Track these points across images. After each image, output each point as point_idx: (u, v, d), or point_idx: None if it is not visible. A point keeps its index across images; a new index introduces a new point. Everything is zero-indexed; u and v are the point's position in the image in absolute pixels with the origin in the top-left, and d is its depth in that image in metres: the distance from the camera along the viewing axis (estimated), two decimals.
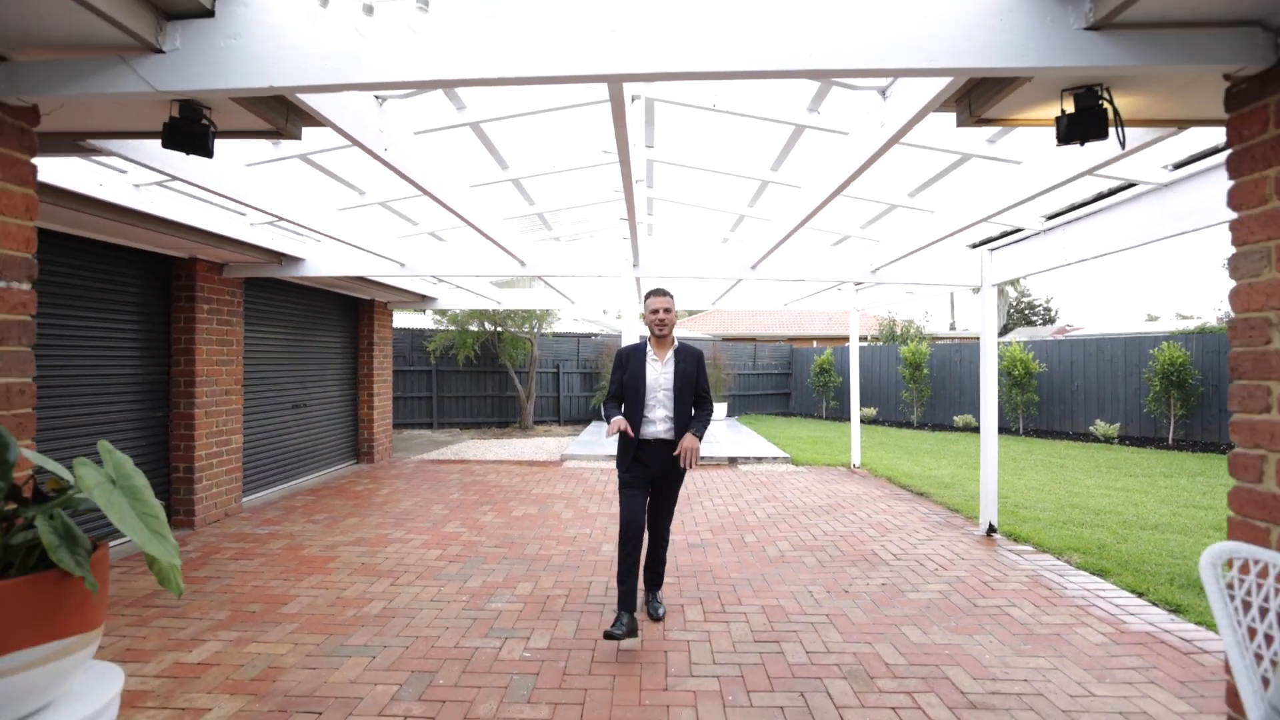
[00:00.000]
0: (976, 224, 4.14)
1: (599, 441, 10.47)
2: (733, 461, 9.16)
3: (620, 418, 3.38)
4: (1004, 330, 30.24)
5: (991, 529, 5.39)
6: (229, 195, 3.49)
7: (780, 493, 7.12)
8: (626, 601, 3.23)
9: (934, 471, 8.44)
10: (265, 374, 6.75)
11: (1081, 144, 1.99)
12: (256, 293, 6.51)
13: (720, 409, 15.04)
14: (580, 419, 14.81)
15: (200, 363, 5.45)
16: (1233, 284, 1.74)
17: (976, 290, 6.02)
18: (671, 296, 3.49)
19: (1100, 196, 3.95)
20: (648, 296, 3.52)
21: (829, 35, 1.68)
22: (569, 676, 2.92)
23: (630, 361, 3.50)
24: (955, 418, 13.83)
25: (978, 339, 17.27)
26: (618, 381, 3.52)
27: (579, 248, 6.79)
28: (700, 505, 6.44)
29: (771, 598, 3.92)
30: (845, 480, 7.95)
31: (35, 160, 1.84)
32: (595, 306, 11.45)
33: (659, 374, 3.45)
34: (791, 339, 20.93)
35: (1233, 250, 1.74)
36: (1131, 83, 1.90)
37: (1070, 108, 1.97)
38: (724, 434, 11.87)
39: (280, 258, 5.60)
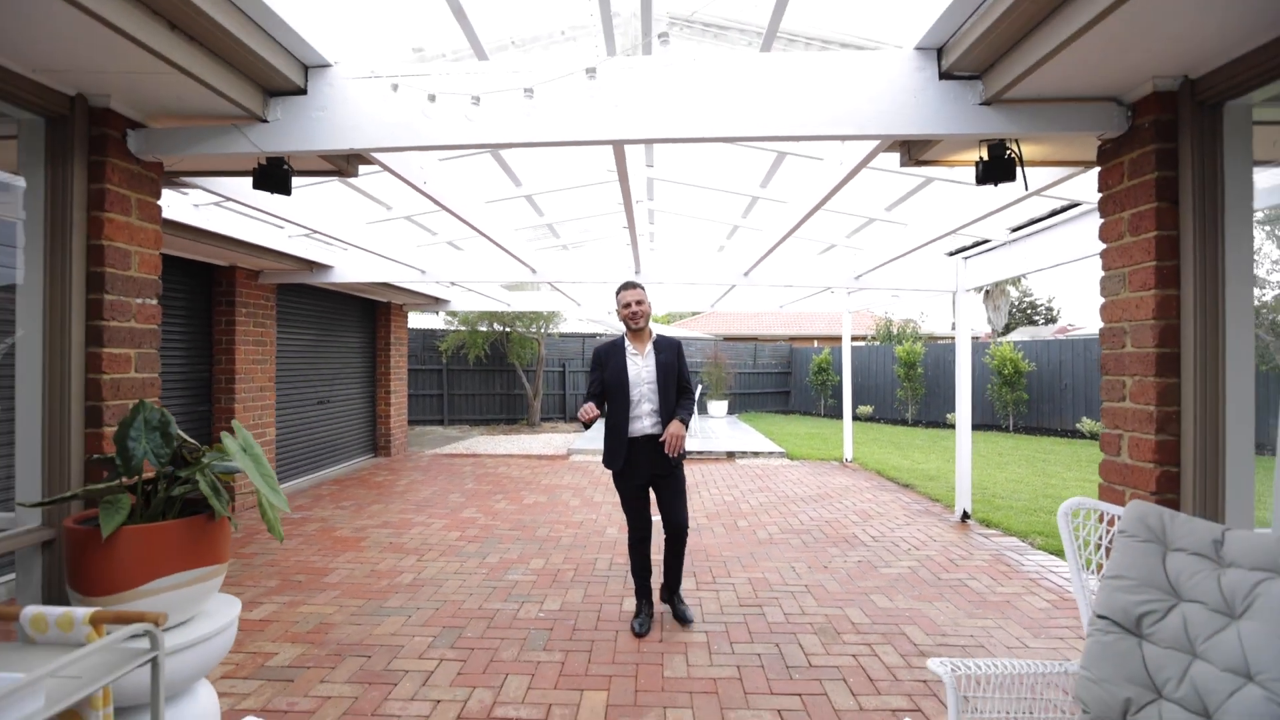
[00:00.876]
0: (944, 236, 4.60)
1: (603, 438, 10.96)
2: (730, 456, 9.63)
3: (589, 404, 3.27)
4: (1006, 329, 30.53)
5: (965, 515, 5.85)
6: (277, 214, 3.99)
7: (773, 484, 7.59)
8: (643, 596, 3.46)
9: (921, 465, 8.89)
10: (294, 372, 7.26)
11: (995, 185, 2.45)
12: (286, 297, 7.02)
13: (721, 407, 15.50)
14: None
15: (239, 361, 5.96)
16: (1101, 300, 2.20)
17: (961, 293, 6.47)
18: (642, 288, 3.40)
19: (1054, 213, 4.41)
20: (618, 291, 3.42)
21: (789, 111, 2.16)
22: (578, 631, 3.41)
23: (609, 359, 3.39)
24: (948, 415, 14.26)
25: (974, 338, 17.67)
26: (598, 381, 3.41)
27: (585, 254, 7.26)
28: (698, 495, 6.92)
29: (758, 572, 4.40)
30: (836, 473, 8.41)
31: (159, 202, 2.34)
32: (600, 308, 11.92)
33: (640, 368, 3.35)
34: (792, 338, 21.37)
35: (1102, 274, 2.21)
36: (1035, 136, 2.37)
37: (985, 155, 2.43)
38: (723, 430, 12.34)
39: (311, 265, 6.11)
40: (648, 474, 3.37)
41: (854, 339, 19.23)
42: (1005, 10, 1.78)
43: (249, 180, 2.49)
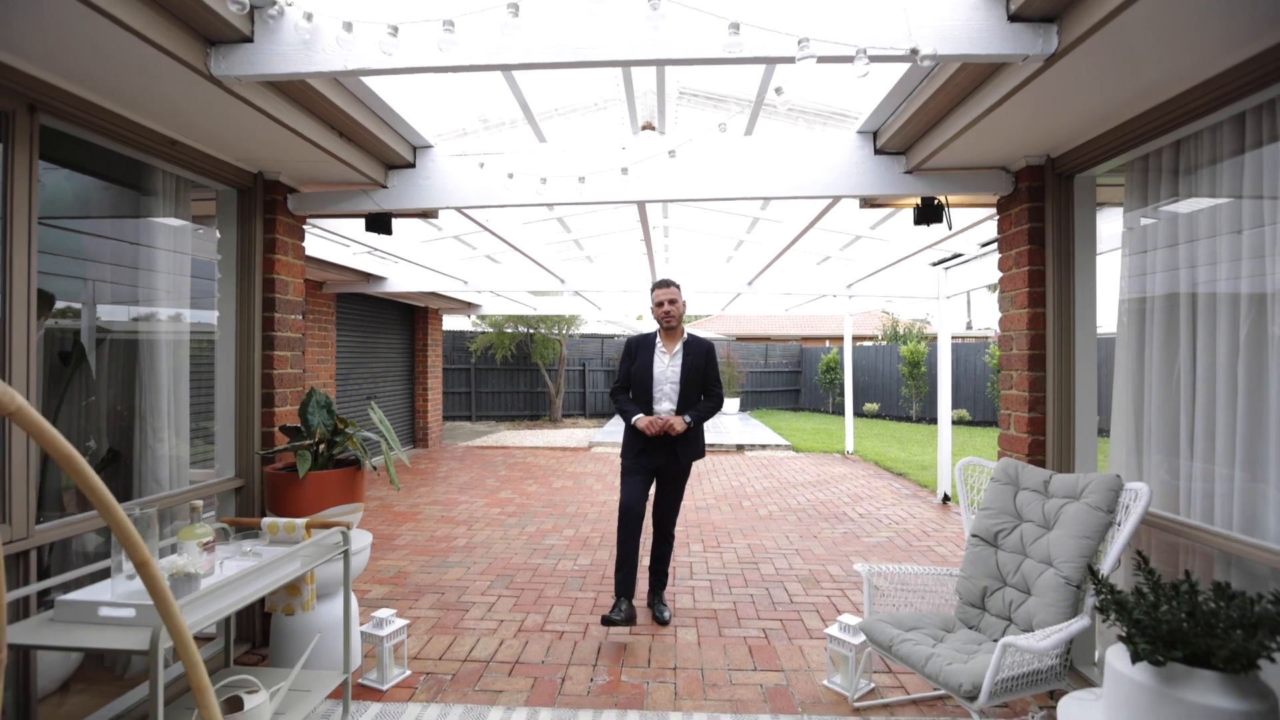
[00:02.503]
0: (921, 250, 5.35)
1: (622, 431, 11.80)
2: (740, 448, 10.40)
3: (648, 418, 3.28)
4: None
5: (946, 498, 6.56)
6: (353, 239, 4.85)
7: (777, 472, 8.35)
8: (624, 588, 3.24)
9: (918, 457, 9.58)
10: (348, 371, 8.18)
11: (928, 226, 3.22)
12: (343, 304, 7.93)
13: (733, 404, 16.24)
14: (604, 413, 16.15)
15: (307, 363, 6.86)
16: (999, 314, 2.95)
17: (942, 299, 7.18)
18: (678, 287, 3.40)
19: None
20: (654, 289, 3.42)
21: (768, 178, 2.95)
22: (606, 579, 4.21)
23: (638, 352, 3.44)
24: (953, 412, 14.84)
25: (984, 339, 18.11)
26: (625, 371, 3.48)
27: (607, 264, 8.08)
28: (708, 481, 7.70)
29: (756, 539, 5.18)
30: (837, 464, 9.14)
31: (303, 244, 3.20)
32: (619, 311, 12.74)
33: (665, 366, 3.38)
34: (803, 339, 22.01)
35: (999, 295, 2.96)
36: (947, 194, 3.13)
37: (919, 203, 3.20)
38: (734, 425, 13.10)
39: (368, 277, 7.00)
40: (659, 463, 3.37)
41: (863, 339, 19.84)
42: (915, 111, 2.55)
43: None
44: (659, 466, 3.39)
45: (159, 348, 2.63)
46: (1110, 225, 2.67)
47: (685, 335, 3.46)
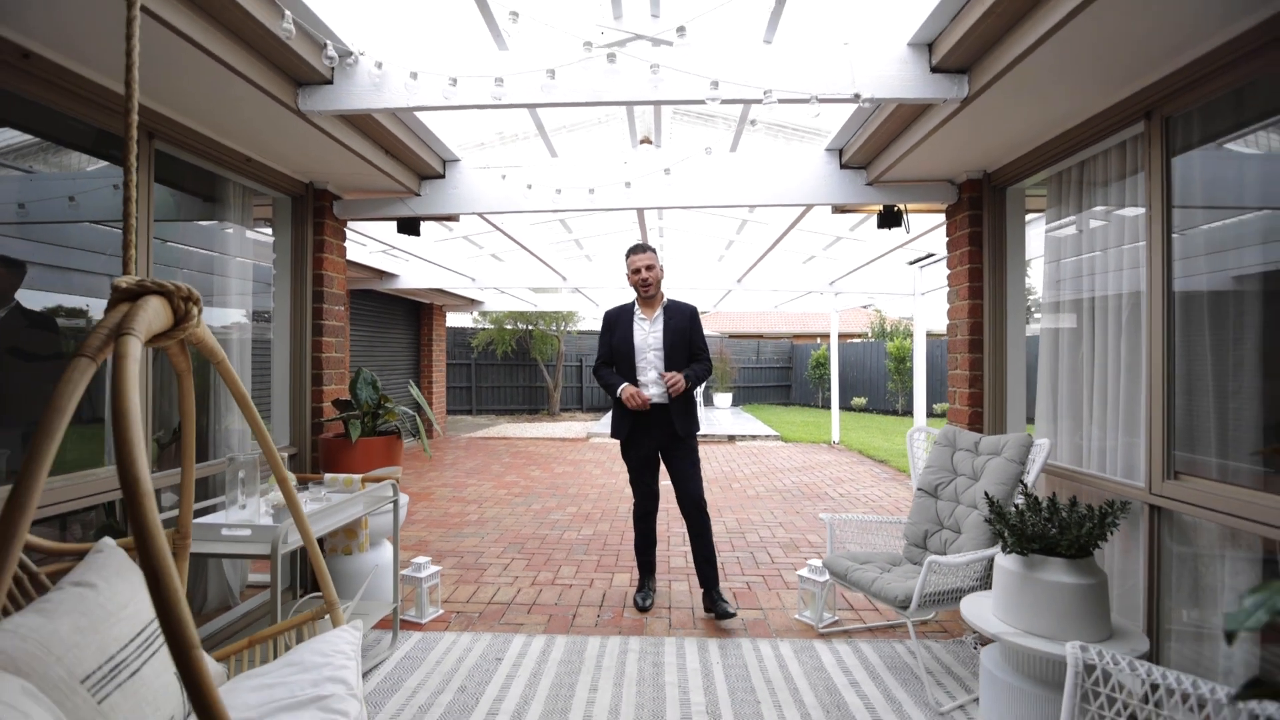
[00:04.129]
0: (893, 250, 5.85)
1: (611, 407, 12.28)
2: (731, 439, 10.90)
3: (633, 387, 3.15)
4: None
5: None
6: (371, 238, 5.29)
7: (766, 460, 8.85)
8: (646, 571, 3.44)
9: (899, 446, 10.10)
10: (358, 363, 8.61)
11: (889, 229, 3.71)
12: (355, 300, 8.37)
13: (725, 399, 16.75)
14: (601, 406, 16.63)
15: None
16: (947, 305, 3.44)
17: (918, 296, 7.69)
18: (653, 251, 3.21)
19: None
20: (628, 254, 3.21)
21: (750, 189, 3.44)
22: (607, 546, 4.69)
23: (617, 324, 3.29)
24: (935, 405, 15.41)
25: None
26: (606, 344, 3.33)
27: (605, 261, 8.55)
28: (701, 467, 8.19)
29: (744, 515, 5.67)
30: (822, 452, 9.65)
31: (345, 244, 3.66)
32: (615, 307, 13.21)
33: (647, 334, 3.21)
34: (795, 336, 22.56)
35: (947, 289, 3.45)
36: (904, 202, 3.62)
37: (881, 209, 3.68)
38: (726, 419, 13.60)
39: (382, 274, 7.44)
40: (656, 444, 3.25)
41: (852, 336, 20.38)
42: (869, 135, 3.03)
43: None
44: (659, 446, 3.26)
45: (228, 337, 3.09)
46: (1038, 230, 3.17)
47: (665, 300, 3.28)
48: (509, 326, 14.57)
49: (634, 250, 3.22)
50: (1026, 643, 1.76)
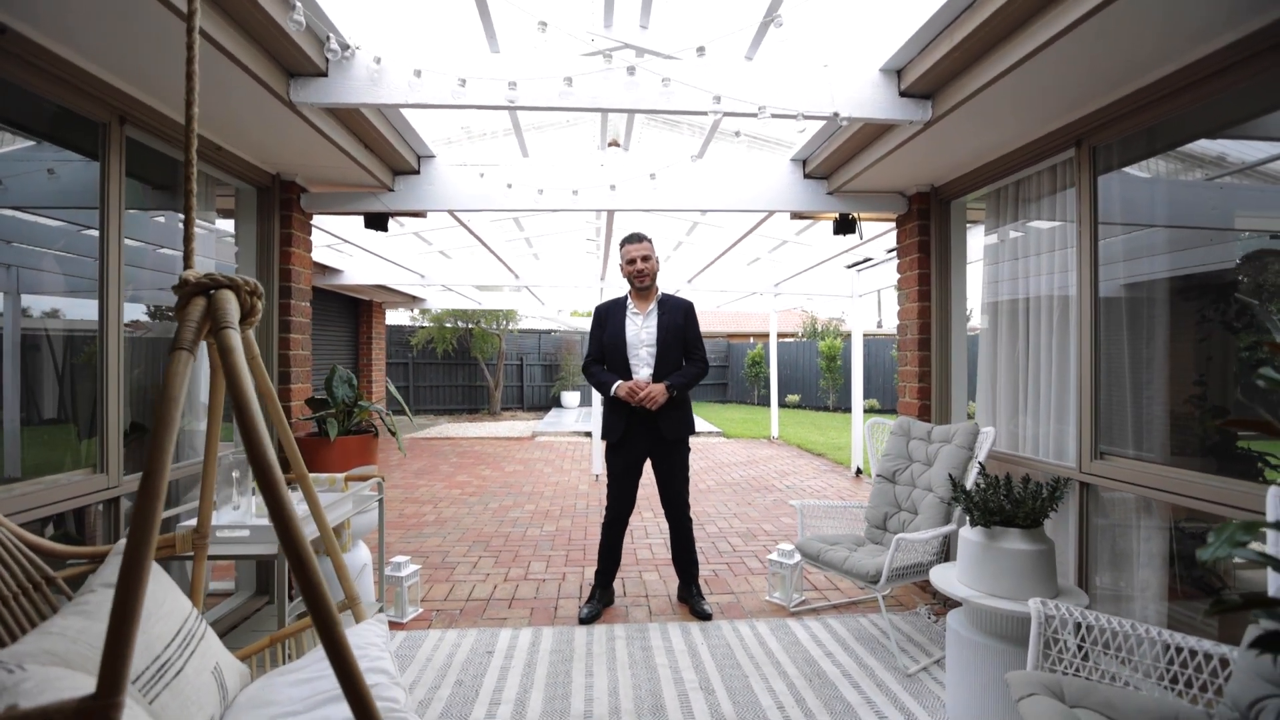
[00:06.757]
0: (839, 255, 6.22)
1: (562, 421, 12.27)
2: None
3: (628, 383, 3.00)
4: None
5: (859, 471, 7.54)
6: (332, 233, 5.11)
7: (712, 455, 9.14)
8: (603, 584, 3.22)
9: (834, 440, 10.67)
10: None
11: (845, 236, 3.99)
12: None
13: None
14: (542, 406, 16.52)
15: None
16: (898, 307, 3.76)
17: (855, 298, 8.18)
18: (649, 241, 3.09)
19: None
20: (622, 244, 3.09)
21: (716, 194, 3.61)
22: (573, 540, 4.76)
23: (609, 318, 3.14)
24: (865, 401, 16.33)
25: (893, 336, 19.78)
26: (597, 340, 3.17)
27: (553, 259, 8.56)
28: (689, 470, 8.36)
29: (699, 507, 5.87)
30: (764, 447, 10.06)
31: (310, 238, 3.54)
32: (559, 307, 13.19)
33: (639, 329, 3.08)
34: (730, 335, 23.21)
35: (898, 292, 3.77)
36: (861, 210, 3.91)
37: (837, 217, 3.96)
38: None
39: (325, 269, 7.14)
40: (645, 449, 3.12)
41: (785, 336, 21.22)
42: (834, 150, 3.27)
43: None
44: (648, 449, 3.11)
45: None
46: (978, 240, 3.53)
47: (660, 294, 3.16)
48: (449, 325, 14.23)
49: (629, 239, 3.09)
50: (991, 603, 2.01)
